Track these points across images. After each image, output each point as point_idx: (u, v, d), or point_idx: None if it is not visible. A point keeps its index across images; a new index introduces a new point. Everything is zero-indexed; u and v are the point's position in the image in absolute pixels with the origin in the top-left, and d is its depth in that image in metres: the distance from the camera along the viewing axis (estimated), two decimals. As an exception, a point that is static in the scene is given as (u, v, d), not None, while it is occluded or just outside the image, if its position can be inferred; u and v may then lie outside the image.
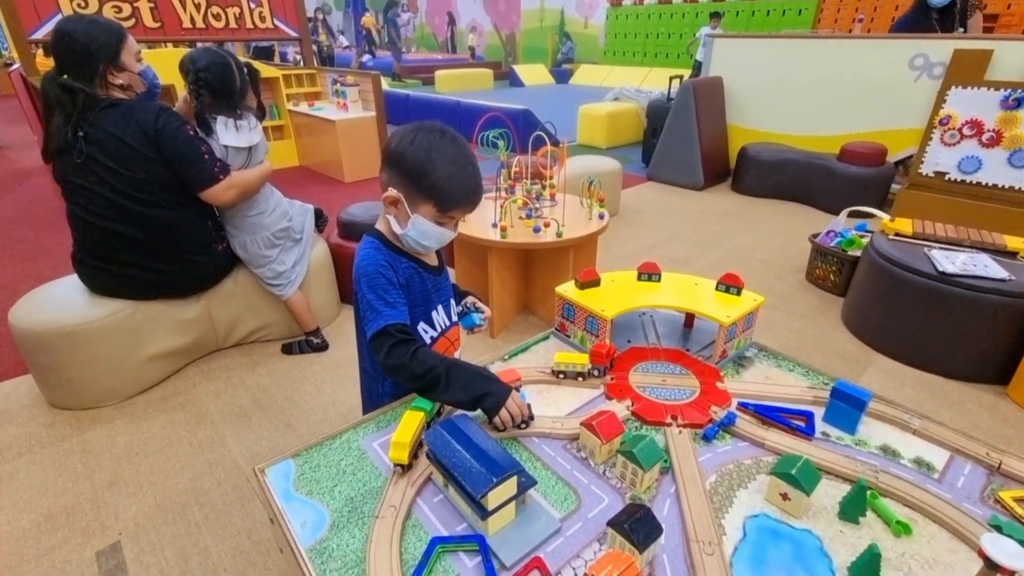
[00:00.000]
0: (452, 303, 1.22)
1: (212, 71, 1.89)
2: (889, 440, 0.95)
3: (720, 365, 1.16)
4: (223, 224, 2.15)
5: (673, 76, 5.76)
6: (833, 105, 4.43)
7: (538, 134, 2.45)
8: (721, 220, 4.11)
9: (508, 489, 0.75)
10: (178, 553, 1.46)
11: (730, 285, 1.24)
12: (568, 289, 1.27)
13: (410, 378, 0.95)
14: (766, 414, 0.99)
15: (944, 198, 3.47)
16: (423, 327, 1.13)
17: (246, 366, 2.29)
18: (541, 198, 2.61)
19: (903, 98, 4.04)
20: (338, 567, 0.73)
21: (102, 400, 2.03)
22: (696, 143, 4.68)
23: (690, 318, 1.35)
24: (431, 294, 1.13)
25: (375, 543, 0.75)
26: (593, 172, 3.28)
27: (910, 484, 0.84)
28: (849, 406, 0.96)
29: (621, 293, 1.26)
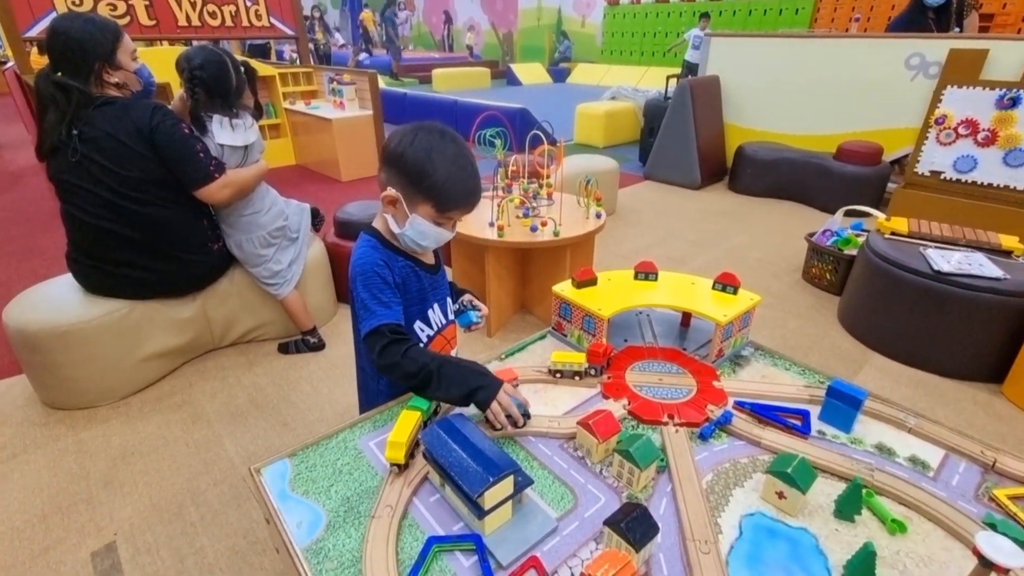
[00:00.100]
0: (449, 301, 1.22)
1: (207, 69, 1.88)
2: (884, 438, 0.95)
3: (717, 364, 1.17)
4: (219, 223, 2.14)
5: (670, 75, 5.78)
6: (830, 104, 4.44)
7: (535, 133, 2.45)
8: (718, 219, 4.12)
9: (504, 488, 0.75)
10: (174, 553, 1.46)
11: (727, 284, 1.24)
12: (565, 288, 1.27)
13: (403, 377, 0.96)
14: (762, 413, 1.00)
15: (940, 197, 3.48)
16: (419, 325, 1.13)
17: (242, 365, 2.29)
18: (538, 197, 2.61)
19: (899, 97, 4.05)
20: (334, 567, 0.73)
21: (97, 400, 2.02)
22: (693, 142, 4.68)
23: (687, 317, 1.35)
24: (427, 293, 1.12)
25: (371, 543, 0.75)
26: (590, 171, 3.27)
27: (905, 482, 0.84)
28: (845, 405, 0.96)
29: (618, 292, 1.26)
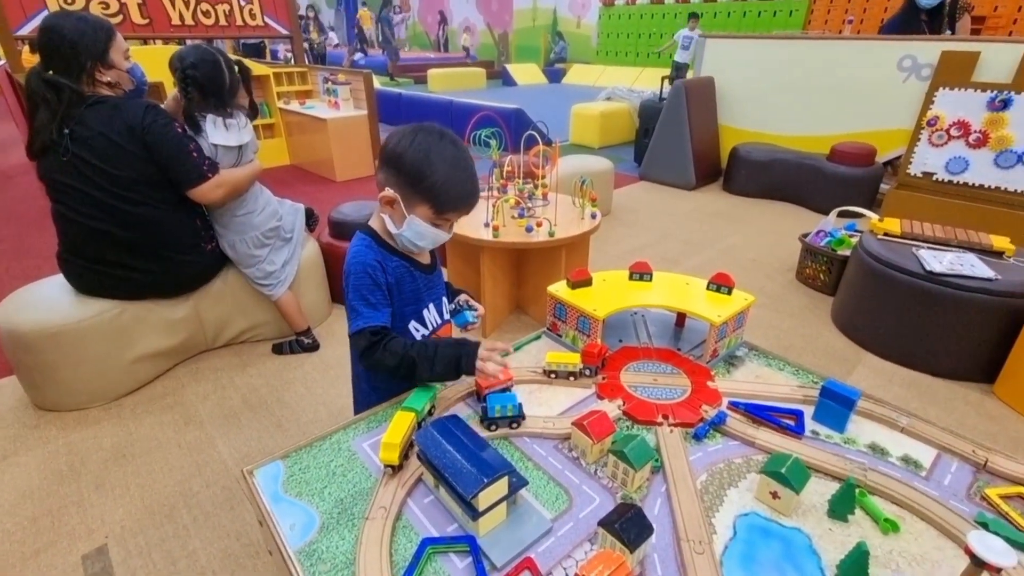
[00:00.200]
0: (444, 301, 1.22)
1: (200, 69, 1.87)
2: (877, 438, 0.96)
3: (711, 364, 1.17)
4: (212, 223, 2.13)
5: (665, 76, 5.80)
6: (823, 106, 4.46)
7: (530, 133, 2.45)
8: (712, 220, 4.13)
9: (499, 489, 0.75)
10: (166, 556, 1.45)
11: (721, 284, 1.24)
12: (560, 289, 1.27)
13: (389, 371, 1.00)
14: (756, 413, 1.00)
15: (932, 198, 3.51)
16: (414, 325, 1.13)
17: (236, 367, 2.27)
18: (533, 197, 2.61)
19: (892, 99, 4.08)
20: (328, 569, 0.72)
21: (89, 401, 2.00)
22: (688, 143, 4.70)
23: (681, 317, 1.35)
24: (422, 293, 1.13)
25: (365, 545, 0.74)
26: (585, 172, 3.28)
27: (898, 482, 0.85)
28: (838, 405, 0.97)
29: (613, 293, 1.26)
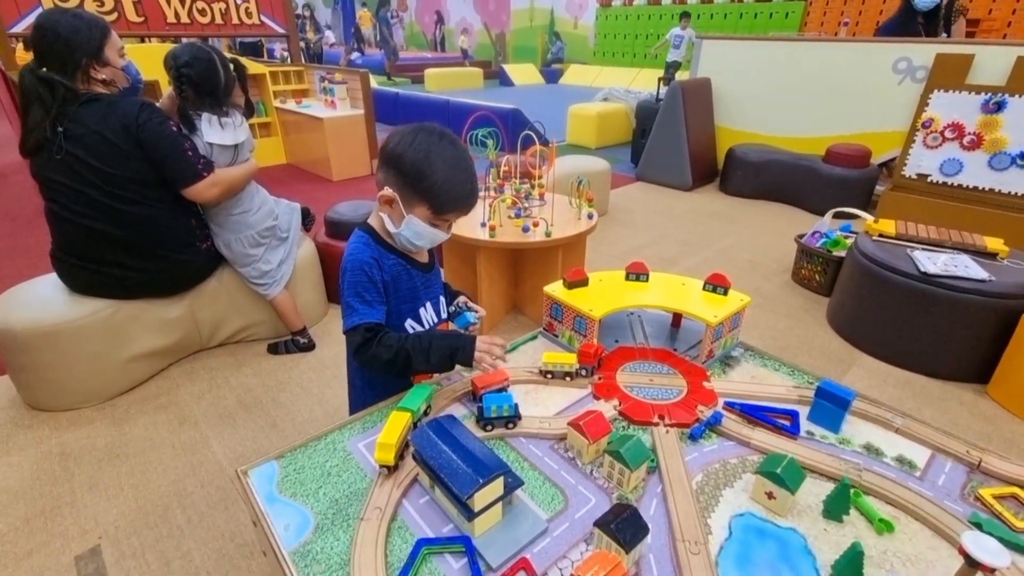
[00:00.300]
0: (442, 300, 1.22)
1: (194, 67, 1.86)
2: (872, 439, 0.96)
3: (707, 365, 1.17)
4: (207, 222, 2.12)
5: (661, 77, 5.80)
6: (819, 107, 4.48)
7: (527, 133, 2.45)
8: (709, 220, 4.14)
9: (495, 490, 0.74)
10: (159, 557, 1.44)
11: (717, 285, 1.24)
12: (556, 289, 1.27)
13: (384, 365, 1.01)
14: (752, 413, 1.00)
15: (926, 200, 3.53)
16: (411, 323, 1.13)
17: (231, 366, 2.26)
18: (530, 198, 2.61)
19: (887, 101, 4.10)
20: (322, 570, 0.72)
21: (82, 401, 1.99)
22: (684, 144, 4.71)
23: (677, 318, 1.35)
24: (419, 291, 1.13)
25: (360, 545, 0.74)
26: (582, 172, 3.28)
27: (892, 482, 0.85)
28: (833, 405, 0.97)
29: (609, 293, 1.26)
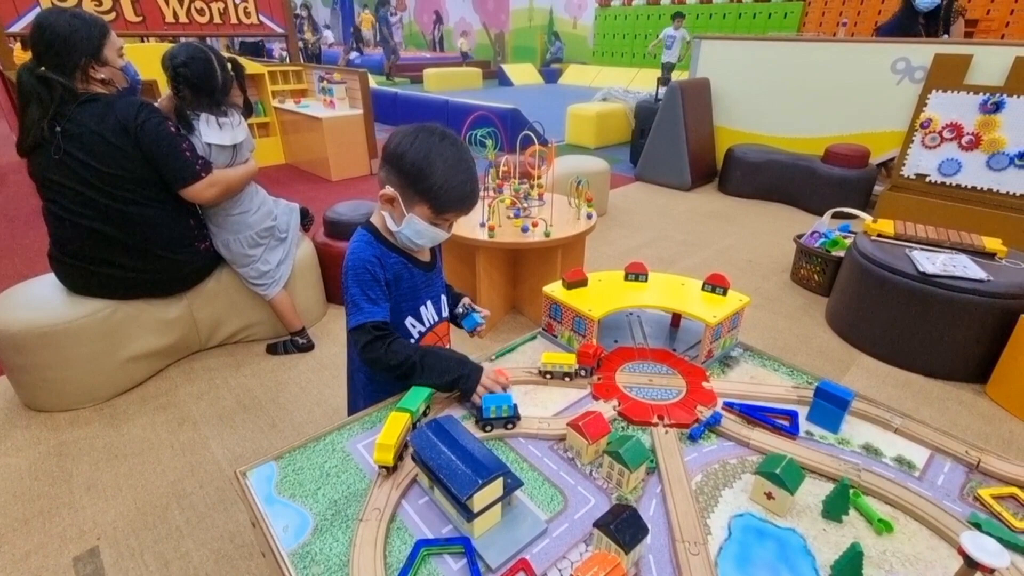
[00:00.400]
0: (443, 299, 1.23)
1: (191, 67, 1.86)
2: (871, 439, 0.96)
3: (706, 365, 1.17)
4: (206, 222, 2.12)
5: (659, 78, 5.80)
6: (817, 107, 4.49)
7: (526, 133, 2.45)
8: (708, 220, 4.14)
9: (494, 491, 0.74)
10: (158, 558, 1.44)
11: (716, 285, 1.24)
12: (555, 289, 1.27)
13: (386, 369, 1.01)
14: (751, 413, 1.00)
15: (925, 200, 3.53)
16: (411, 321, 1.14)
17: (229, 367, 2.26)
18: (529, 198, 2.60)
19: (885, 101, 4.10)
20: (321, 571, 0.72)
21: (80, 402, 1.98)
22: (683, 144, 4.71)
23: (677, 318, 1.35)
24: (420, 290, 1.14)
25: (359, 546, 0.74)
26: (581, 172, 3.28)
27: (891, 482, 0.85)
28: (832, 405, 0.97)
29: (608, 293, 1.26)
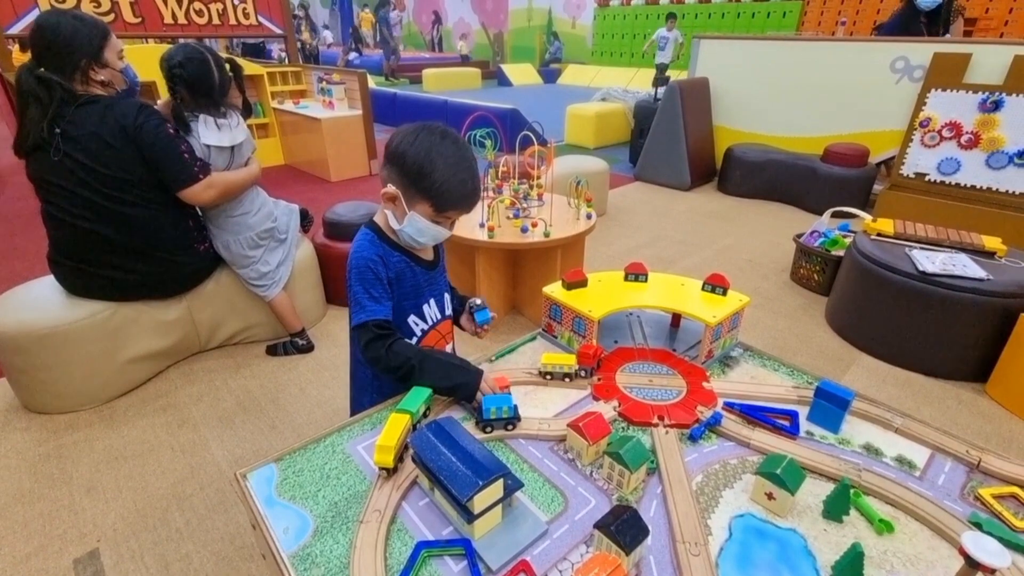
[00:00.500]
0: (447, 298, 1.24)
1: (187, 67, 1.85)
2: (872, 439, 0.96)
3: (706, 365, 1.17)
4: (205, 224, 2.12)
5: (663, 78, 5.80)
6: (817, 107, 4.49)
7: (525, 134, 2.45)
8: (707, 220, 4.14)
9: (494, 492, 0.74)
10: (159, 560, 1.44)
11: (716, 285, 1.24)
12: (555, 290, 1.26)
13: (386, 369, 1.02)
14: (752, 414, 1.00)
15: (924, 199, 3.53)
16: (414, 319, 1.15)
17: (229, 368, 2.26)
18: (529, 198, 2.60)
19: (885, 100, 4.10)
20: (322, 573, 0.72)
21: (80, 404, 1.98)
22: (683, 144, 4.71)
23: (677, 318, 1.35)
24: (423, 288, 1.15)
25: (359, 548, 0.74)
26: (581, 172, 3.28)
27: (892, 482, 0.85)
28: (833, 405, 0.97)
29: (608, 293, 1.26)
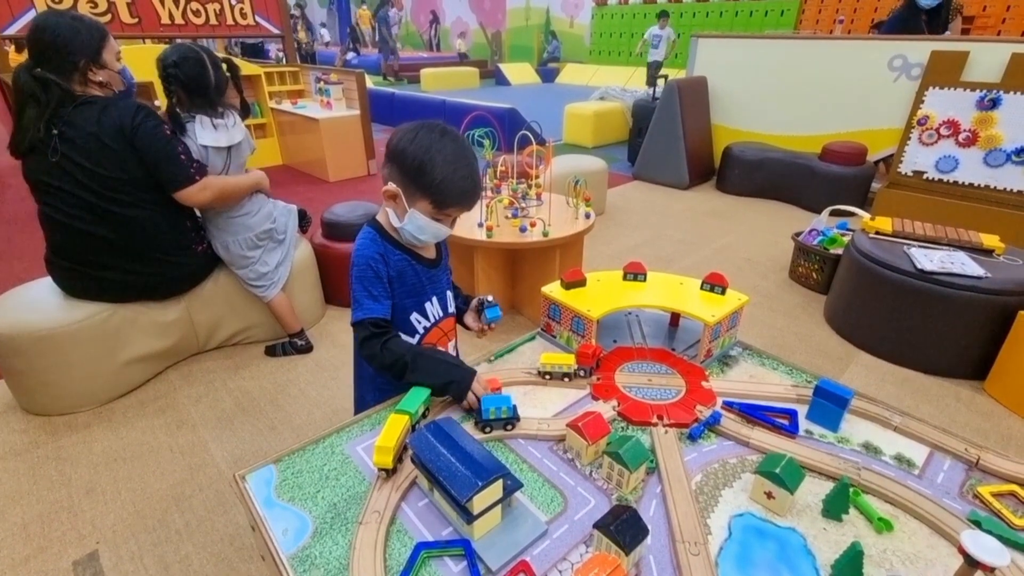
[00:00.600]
0: (449, 296, 1.24)
1: (183, 67, 1.85)
2: (871, 437, 0.96)
3: (705, 364, 1.17)
4: (204, 224, 2.11)
5: (658, 76, 5.80)
6: (815, 105, 4.49)
7: (524, 133, 2.45)
8: (706, 219, 4.14)
9: (494, 492, 0.74)
10: (158, 561, 1.43)
11: (715, 284, 1.24)
12: (554, 289, 1.26)
13: (381, 366, 1.05)
14: (751, 413, 1.00)
15: (923, 197, 3.54)
16: (416, 317, 1.16)
17: (228, 369, 2.26)
18: (527, 197, 2.60)
19: (883, 98, 4.10)
20: (321, 574, 0.72)
21: (78, 405, 1.98)
22: (681, 142, 4.71)
23: (675, 317, 1.35)
24: (424, 286, 1.15)
25: (359, 549, 0.73)
26: (579, 171, 3.28)
27: (891, 481, 0.85)
28: (832, 404, 0.97)
29: (607, 293, 1.26)
